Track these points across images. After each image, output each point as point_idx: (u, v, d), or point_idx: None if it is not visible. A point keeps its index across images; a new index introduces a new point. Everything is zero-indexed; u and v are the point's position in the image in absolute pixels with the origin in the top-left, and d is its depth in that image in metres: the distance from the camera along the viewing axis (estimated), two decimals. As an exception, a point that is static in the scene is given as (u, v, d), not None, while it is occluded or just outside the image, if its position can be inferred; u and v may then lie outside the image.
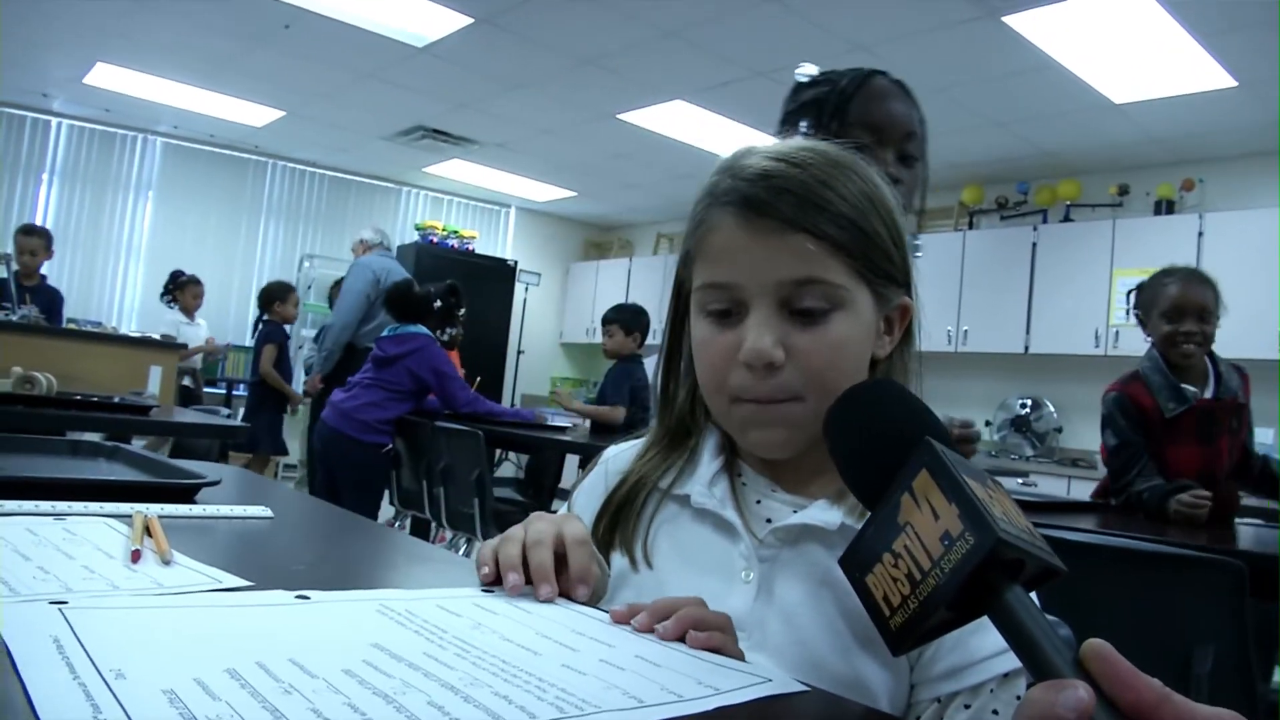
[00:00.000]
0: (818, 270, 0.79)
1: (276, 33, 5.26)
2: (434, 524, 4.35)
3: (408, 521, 4.68)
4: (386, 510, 4.69)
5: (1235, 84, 4.61)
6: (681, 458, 0.90)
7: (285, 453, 6.78)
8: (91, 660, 0.48)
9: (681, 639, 0.64)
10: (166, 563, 0.76)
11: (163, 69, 6.11)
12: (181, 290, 6.70)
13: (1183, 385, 2.63)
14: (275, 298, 6.46)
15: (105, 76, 6.30)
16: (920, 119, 1.56)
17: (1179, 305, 2.63)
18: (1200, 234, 5.45)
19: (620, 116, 6.20)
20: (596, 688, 0.52)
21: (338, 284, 6.69)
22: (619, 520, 0.89)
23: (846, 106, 1.55)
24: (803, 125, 1.62)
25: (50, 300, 5.42)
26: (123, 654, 0.50)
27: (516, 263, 9.03)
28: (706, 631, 0.65)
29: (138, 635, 0.55)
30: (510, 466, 6.25)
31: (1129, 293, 2.93)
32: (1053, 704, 0.40)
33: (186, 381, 6.36)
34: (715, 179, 0.85)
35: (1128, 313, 2.95)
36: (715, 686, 0.54)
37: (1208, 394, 2.64)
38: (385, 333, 4.44)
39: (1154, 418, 2.63)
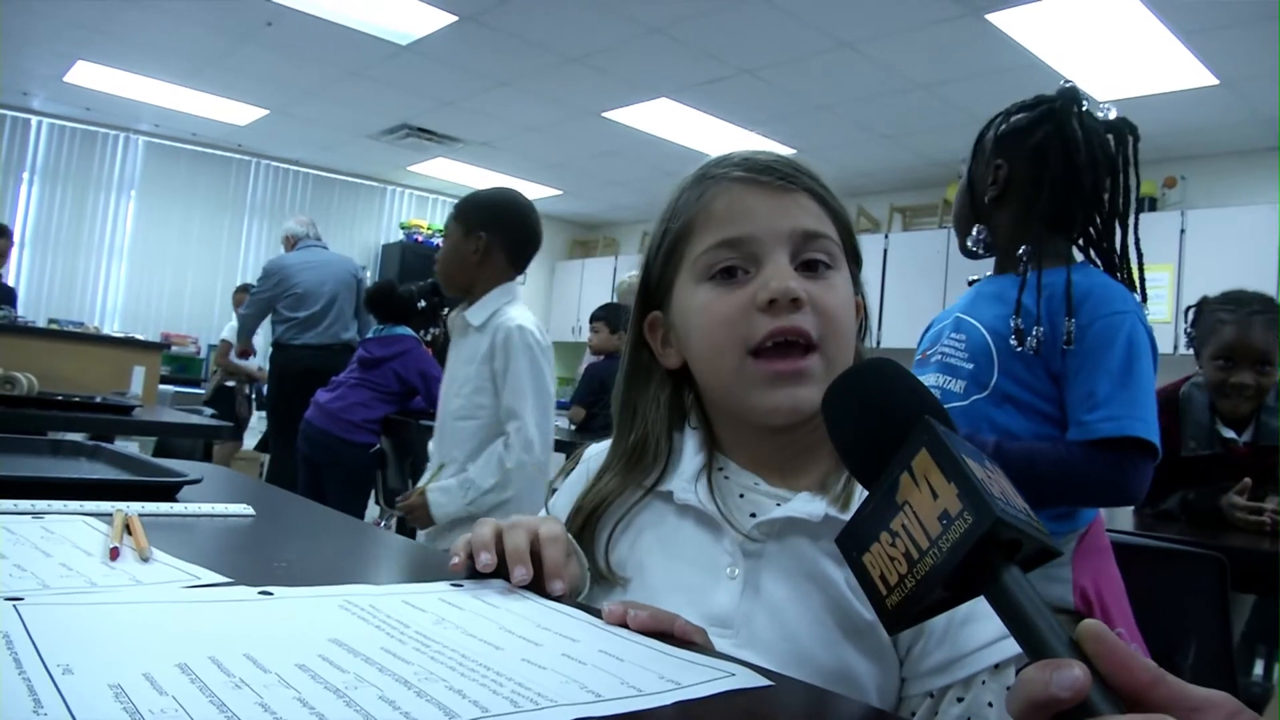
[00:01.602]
0: (822, 226, 0.84)
1: (259, 30, 5.22)
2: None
3: (394, 520, 4.66)
4: (372, 510, 4.67)
5: (1217, 82, 4.64)
6: (647, 473, 0.89)
7: None
8: (40, 656, 0.47)
9: (650, 634, 0.64)
10: (145, 560, 0.76)
11: (144, 67, 6.07)
12: None
13: (1219, 428, 2.31)
14: None
15: (86, 75, 6.24)
16: (973, 151, 1.72)
17: (1233, 350, 2.24)
18: (1182, 231, 5.48)
19: (605, 115, 6.19)
20: (555, 682, 0.51)
21: (241, 288, 6.71)
22: (581, 545, 0.87)
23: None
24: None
25: (3, 297, 5.41)
26: (73, 650, 0.49)
27: (502, 261, 9.00)
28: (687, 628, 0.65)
29: (93, 631, 0.54)
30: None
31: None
32: (1048, 683, 0.40)
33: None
34: (702, 170, 0.88)
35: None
36: (676, 681, 0.53)
37: (1245, 438, 2.29)
38: (370, 334, 4.43)
39: (1172, 446, 2.25)
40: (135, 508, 0.97)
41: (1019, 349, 1.52)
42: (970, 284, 1.76)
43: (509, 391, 2.22)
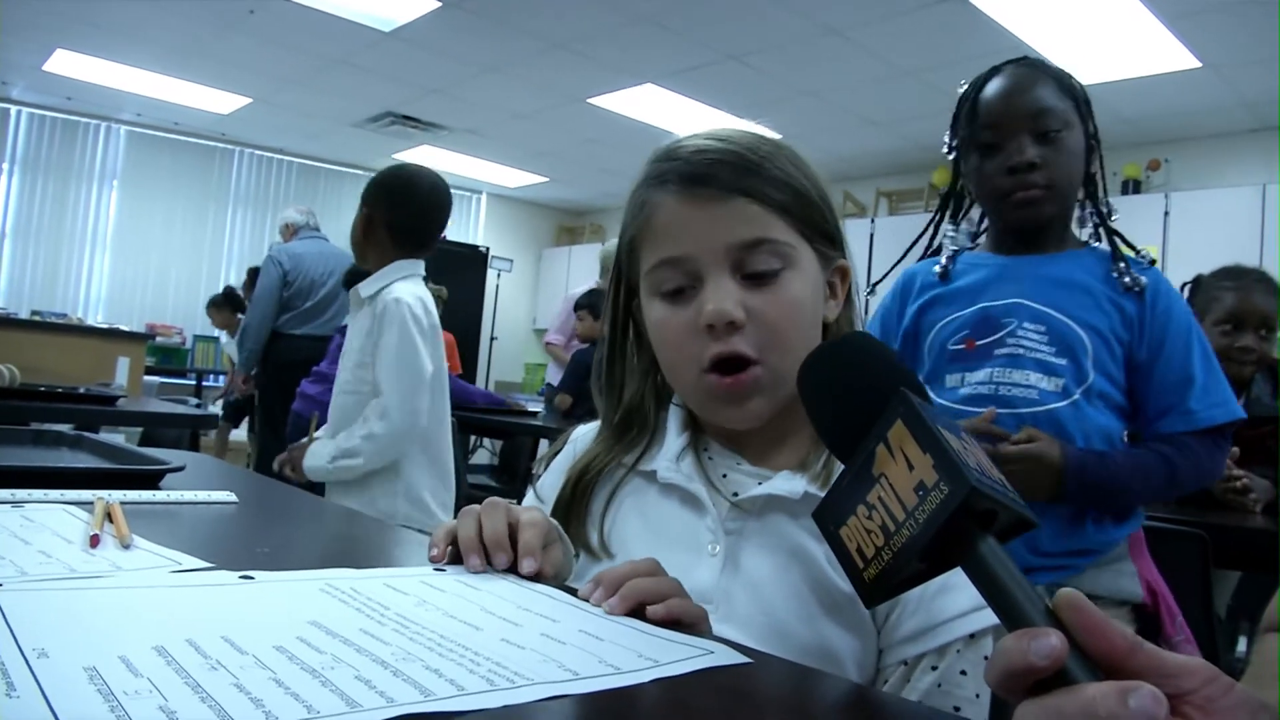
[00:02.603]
0: (764, 230, 0.82)
1: (241, 18, 5.18)
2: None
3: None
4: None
5: (1199, 65, 4.65)
6: (633, 446, 0.91)
7: None
8: (15, 640, 0.47)
9: (633, 614, 0.64)
10: (126, 547, 0.76)
11: (125, 55, 6.01)
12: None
13: None
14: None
15: (65, 63, 6.19)
16: (1061, 88, 1.50)
17: (1237, 316, 2.28)
18: (1166, 213, 5.51)
19: (591, 101, 6.17)
20: (533, 661, 0.51)
21: (252, 275, 6.60)
22: (571, 516, 0.89)
23: (974, 115, 1.52)
24: (945, 138, 1.62)
25: None
26: (50, 634, 0.49)
27: (488, 249, 8.98)
28: (663, 602, 0.65)
29: (70, 616, 0.54)
30: (485, 453, 6.24)
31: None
32: (1025, 652, 0.41)
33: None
34: (651, 166, 0.89)
35: None
36: (655, 659, 0.54)
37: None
38: (345, 320, 4.39)
39: None
40: (117, 496, 0.97)
41: (1127, 290, 1.42)
42: (951, 258, 1.59)
43: (377, 364, 2.21)
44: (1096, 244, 1.52)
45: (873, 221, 6.93)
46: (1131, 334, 1.43)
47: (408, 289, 2.28)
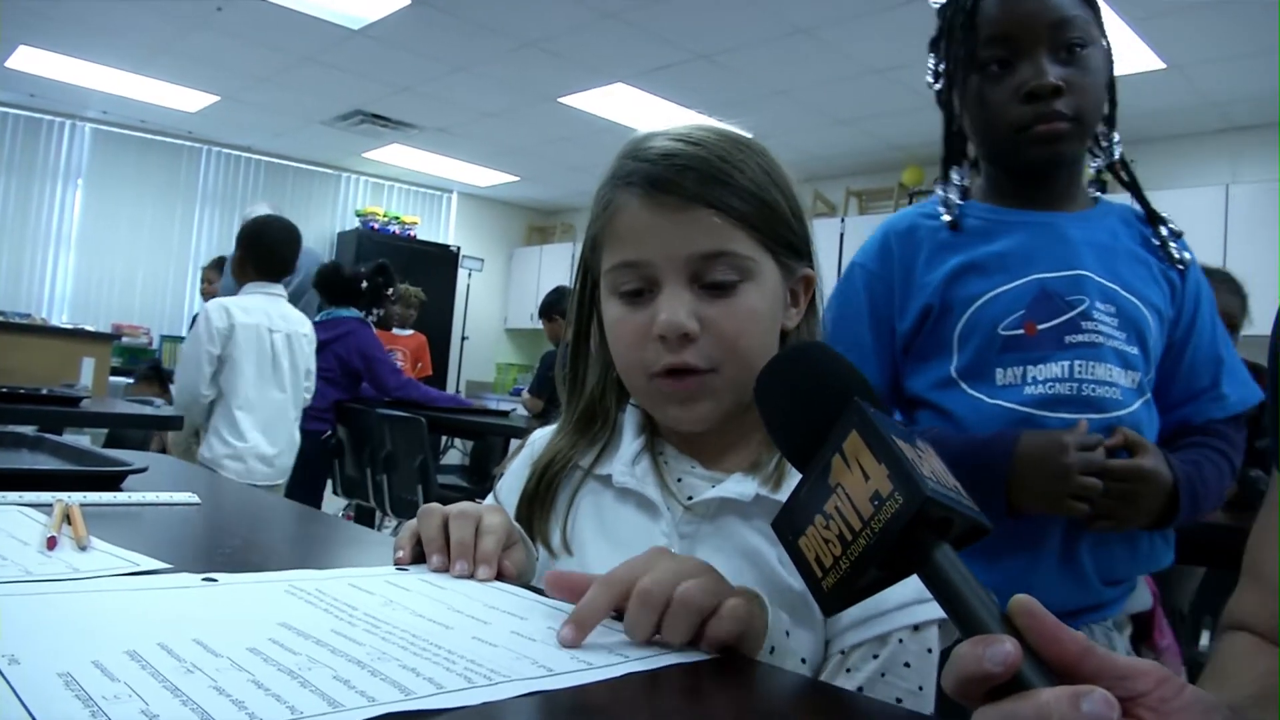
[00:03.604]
0: (725, 243, 0.81)
1: (209, 15, 5.12)
2: (378, 512, 4.32)
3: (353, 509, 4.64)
4: (339, 501, 4.64)
5: (1164, 66, 4.72)
6: (595, 441, 0.91)
7: None
8: (-15, 646, 0.47)
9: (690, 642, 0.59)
10: (83, 549, 0.75)
11: (90, 52, 5.93)
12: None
13: None
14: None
15: (29, 60, 6.09)
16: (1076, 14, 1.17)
17: None
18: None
19: (561, 100, 6.16)
20: (507, 658, 0.52)
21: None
22: (534, 512, 0.90)
23: (972, 26, 1.21)
24: (930, 64, 1.32)
25: None
26: (17, 640, 0.49)
27: (459, 248, 8.95)
28: (715, 619, 0.59)
29: (35, 621, 0.54)
30: (456, 454, 6.23)
31: None
32: (980, 658, 0.42)
33: None
34: (619, 163, 0.88)
35: None
36: (624, 654, 0.55)
37: None
38: (316, 319, 4.37)
39: None
40: (78, 498, 0.96)
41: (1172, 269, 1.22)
42: (953, 205, 1.28)
43: None
44: (1099, 195, 1.30)
45: (842, 221, 6.97)
46: (1174, 311, 1.23)
47: (225, 300, 3.16)
